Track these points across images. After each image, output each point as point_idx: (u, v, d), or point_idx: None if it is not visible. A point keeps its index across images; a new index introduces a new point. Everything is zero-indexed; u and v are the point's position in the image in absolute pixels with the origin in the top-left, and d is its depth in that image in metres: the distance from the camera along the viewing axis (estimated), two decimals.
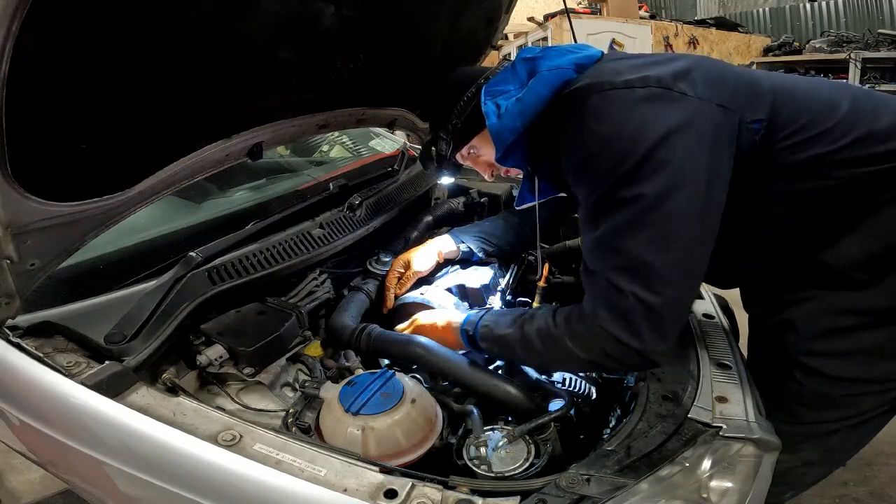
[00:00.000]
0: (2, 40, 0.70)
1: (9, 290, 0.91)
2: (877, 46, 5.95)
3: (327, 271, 1.47)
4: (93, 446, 0.89)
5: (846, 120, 0.98)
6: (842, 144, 0.97)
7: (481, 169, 1.32)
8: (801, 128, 0.98)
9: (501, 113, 1.08)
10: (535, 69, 1.09)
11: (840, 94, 1.03)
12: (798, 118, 0.98)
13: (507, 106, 1.07)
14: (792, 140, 0.98)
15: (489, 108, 1.10)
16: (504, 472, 0.92)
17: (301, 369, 1.20)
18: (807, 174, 0.99)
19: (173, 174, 1.16)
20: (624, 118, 0.94)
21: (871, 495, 1.93)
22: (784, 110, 0.99)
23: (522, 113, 1.07)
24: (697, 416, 0.94)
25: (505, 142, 1.10)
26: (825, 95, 1.03)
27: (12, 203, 0.85)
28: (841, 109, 1.00)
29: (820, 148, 0.97)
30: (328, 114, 1.58)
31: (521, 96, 1.07)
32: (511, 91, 1.10)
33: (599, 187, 0.95)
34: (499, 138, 1.10)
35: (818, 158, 0.97)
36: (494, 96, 1.11)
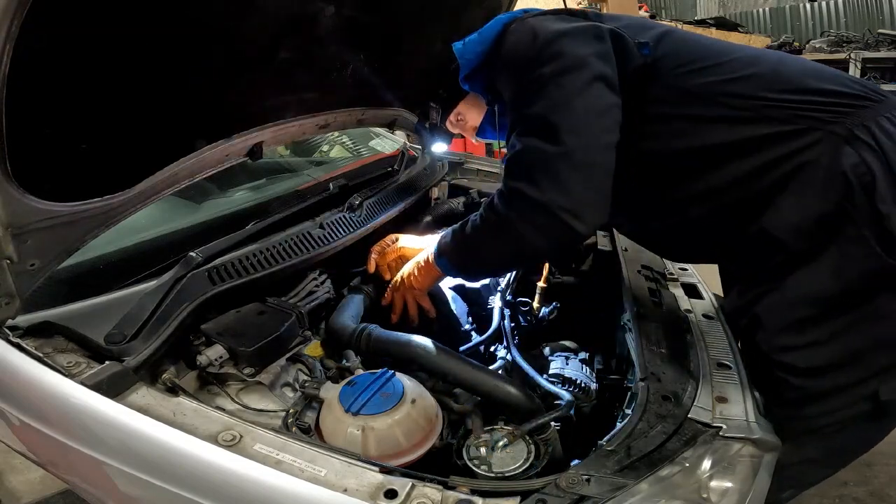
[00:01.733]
0: (2, 40, 0.70)
1: (9, 290, 0.91)
2: (877, 46, 5.95)
3: (327, 271, 1.47)
4: (93, 446, 0.89)
5: (741, 60, 1.09)
6: (733, 76, 1.07)
7: (468, 133, 1.54)
8: (692, 60, 1.11)
9: (465, 43, 1.30)
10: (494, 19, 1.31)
11: (746, 47, 1.17)
12: (691, 56, 1.12)
13: (470, 38, 1.30)
14: (684, 69, 1.10)
15: (457, 43, 1.31)
16: (504, 473, 0.92)
17: (301, 369, 1.20)
18: (700, 100, 1.08)
19: (173, 174, 1.16)
20: (529, 29, 1.17)
21: (871, 495, 1.93)
22: (675, 49, 1.14)
23: (481, 41, 1.28)
24: (697, 416, 0.94)
25: (469, 63, 1.31)
26: (724, 44, 1.18)
27: (12, 203, 0.85)
28: (741, 52, 1.12)
29: (711, 76, 1.08)
30: (328, 114, 1.58)
31: (481, 30, 1.29)
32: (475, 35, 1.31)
33: (514, 84, 1.17)
34: (462, 58, 1.31)
35: (709, 85, 1.08)
36: (462, 40, 1.32)
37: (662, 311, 1.30)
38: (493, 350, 1.37)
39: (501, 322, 1.43)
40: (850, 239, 0.97)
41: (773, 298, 1.05)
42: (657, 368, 1.08)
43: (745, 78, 1.07)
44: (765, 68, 1.08)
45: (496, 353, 1.36)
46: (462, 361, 1.17)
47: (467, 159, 2.34)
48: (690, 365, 1.09)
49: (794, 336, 1.03)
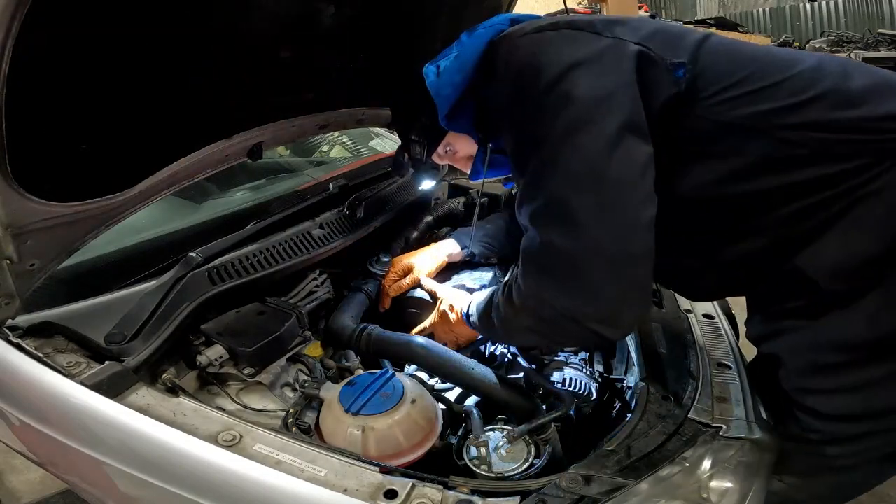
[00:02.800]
0: (2, 40, 0.70)
1: (9, 290, 0.90)
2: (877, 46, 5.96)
3: (327, 271, 1.47)
4: (93, 446, 0.89)
5: (803, 76, 0.86)
6: (793, 102, 0.84)
7: (461, 165, 1.27)
8: (738, 82, 0.87)
9: (441, 71, 1.06)
10: (474, 31, 1.09)
11: (803, 55, 0.92)
12: (734, 72, 0.88)
13: (445, 65, 1.06)
14: (729, 94, 0.87)
15: (428, 69, 1.07)
16: (504, 473, 0.92)
17: (301, 369, 1.20)
18: (748, 135, 0.86)
19: (173, 174, 1.16)
20: (529, 58, 0.92)
21: (871, 495, 1.92)
22: (715, 63, 0.89)
23: (461, 68, 1.05)
24: (697, 416, 0.94)
25: (447, 99, 1.07)
26: (778, 53, 0.93)
27: (12, 203, 0.85)
28: (798, 66, 0.88)
29: (764, 104, 0.85)
30: (328, 114, 1.58)
31: (459, 52, 1.07)
32: (450, 54, 1.08)
33: (514, 133, 0.95)
34: (439, 95, 1.07)
35: (761, 116, 0.85)
36: (434, 62, 1.09)
37: (662, 311, 1.30)
38: (493, 350, 1.37)
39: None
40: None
41: (799, 338, 0.93)
42: (657, 368, 1.08)
43: (806, 104, 0.84)
44: (828, 85, 0.85)
45: (496, 353, 1.36)
46: (462, 361, 1.17)
47: None
48: (690, 365, 1.09)
49: (818, 380, 0.93)
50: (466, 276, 1.55)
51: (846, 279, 0.86)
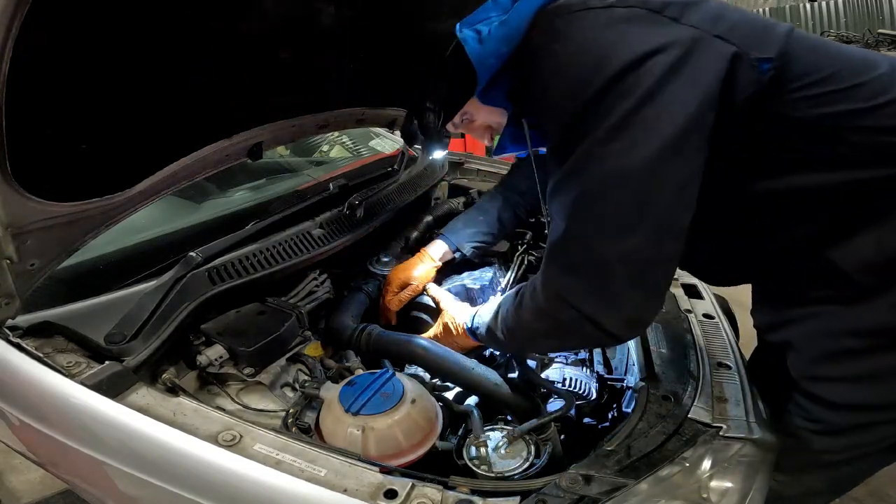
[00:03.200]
0: (2, 40, 0.70)
1: (9, 290, 0.90)
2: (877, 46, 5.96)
3: (327, 271, 1.48)
4: (93, 446, 0.89)
5: (882, 79, 0.82)
6: (870, 105, 0.80)
7: (478, 134, 1.17)
8: (823, 79, 0.81)
9: (483, 37, 0.94)
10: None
11: (879, 57, 0.88)
12: (821, 68, 0.82)
13: (489, 30, 0.94)
14: (812, 91, 0.81)
15: (467, 34, 0.95)
16: (504, 473, 0.92)
17: (301, 369, 1.20)
18: (823, 137, 0.82)
19: (173, 174, 1.16)
20: (592, 38, 0.81)
21: (871, 495, 1.93)
22: (801, 57, 0.82)
23: (508, 37, 0.93)
24: (697, 416, 0.94)
25: (490, 69, 0.96)
26: (859, 53, 0.88)
27: (12, 203, 0.85)
28: (877, 69, 0.83)
29: (845, 104, 0.81)
30: (328, 114, 1.58)
31: (506, 19, 0.93)
32: (492, 17, 0.96)
33: (559, 122, 0.84)
34: (482, 65, 0.95)
35: (839, 117, 0.81)
36: (471, 24, 0.97)
37: (662, 311, 1.30)
38: (493, 350, 1.38)
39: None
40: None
41: (816, 325, 0.92)
42: (657, 368, 1.08)
43: (881, 108, 0.81)
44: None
45: (496, 353, 1.36)
46: (462, 361, 1.17)
47: (467, 159, 2.34)
48: (690, 365, 1.09)
49: (830, 367, 0.92)
50: (466, 276, 1.55)
51: (878, 272, 0.86)
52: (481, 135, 1.16)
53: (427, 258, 1.50)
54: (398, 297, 1.44)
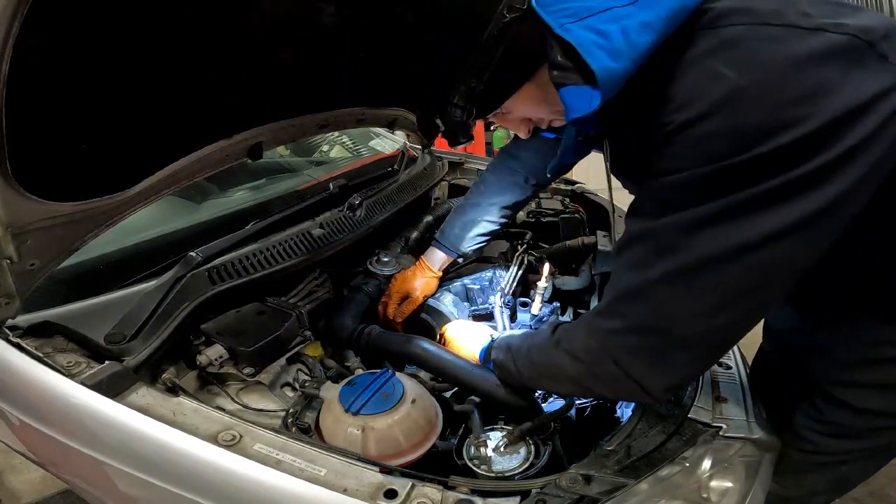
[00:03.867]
0: (2, 40, 0.70)
1: (9, 290, 0.90)
2: None
3: (327, 271, 1.47)
4: (93, 446, 0.89)
5: None
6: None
7: (514, 127, 0.94)
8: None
9: (616, 48, 0.67)
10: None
11: None
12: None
13: (624, 35, 0.67)
14: None
15: (583, 36, 0.68)
16: (504, 472, 0.92)
17: (301, 369, 1.20)
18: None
19: (173, 174, 1.16)
20: (795, 72, 0.61)
21: (871, 495, 1.93)
22: None
23: (654, 47, 0.68)
24: (697, 416, 0.94)
25: (613, 92, 0.69)
26: None
27: (12, 203, 0.85)
28: None
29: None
30: (328, 114, 1.58)
31: (651, 19, 0.67)
32: (614, 8, 0.69)
33: (697, 164, 0.65)
34: (610, 87, 0.68)
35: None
36: (577, 17, 0.69)
37: None
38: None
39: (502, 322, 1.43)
40: None
41: (855, 333, 0.88)
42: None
43: None
44: None
45: None
46: (462, 362, 1.17)
47: (467, 159, 2.34)
48: None
49: (862, 373, 0.90)
50: (466, 276, 1.55)
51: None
52: (517, 127, 0.94)
53: (427, 269, 1.49)
54: (401, 310, 1.43)
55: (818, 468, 1.01)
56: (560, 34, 0.69)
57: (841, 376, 0.93)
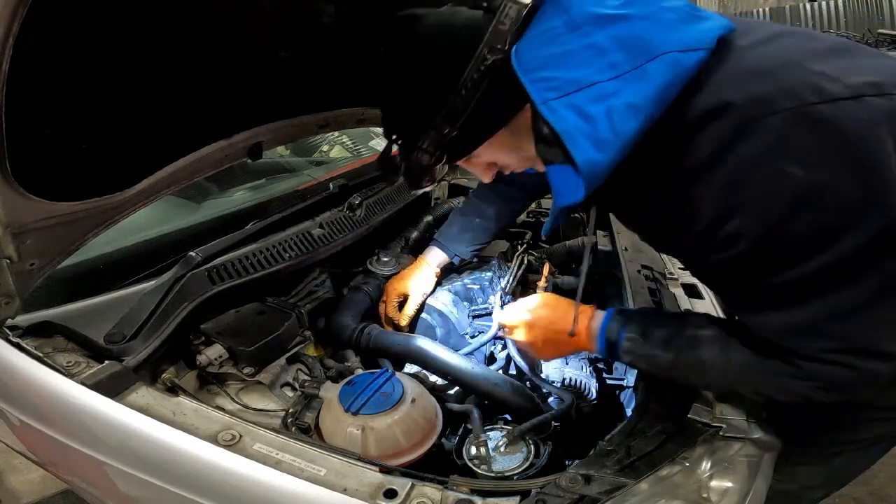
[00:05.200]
0: (2, 40, 0.70)
1: (9, 290, 0.91)
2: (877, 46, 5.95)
3: (327, 271, 1.47)
4: (93, 446, 0.89)
5: None
6: None
7: (478, 171, 0.91)
8: None
9: (602, 137, 0.65)
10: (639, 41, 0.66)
11: None
12: None
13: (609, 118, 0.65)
14: None
15: (568, 121, 0.66)
16: (504, 472, 0.92)
17: (301, 369, 1.20)
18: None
19: (173, 174, 1.16)
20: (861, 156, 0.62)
21: (871, 495, 1.93)
22: None
23: (641, 132, 0.65)
24: (697, 416, 0.93)
25: (599, 182, 0.68)
26: None
27: (12, 203, 0.85)
28: None
29: None
30: (328, 114, 1.58)
31: (638, 101, 0.64)
32: (601, 83, 0.66)
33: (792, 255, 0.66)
34: (593, 178, 0.67)
35: None
36: (563, 92, 0.67)
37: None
38: (493, 350, 1.37)
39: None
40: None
41: None
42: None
43: None
44: None
45: (496, 353, 1.36)
46: (462, 362, 1.17)
47: None
48: None
49: None
50: (466, 276, 1.55)
51: None
52: (482, 171, 0.91)
53: (425, 265, 1.47)
54: (405, 312, 1.39)
55: (811, 460, 1.02)
56: (544, 114, 0.67)
57: None
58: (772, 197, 0.64)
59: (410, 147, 0.80)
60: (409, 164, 0.82)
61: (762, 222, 0.66)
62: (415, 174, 0.83)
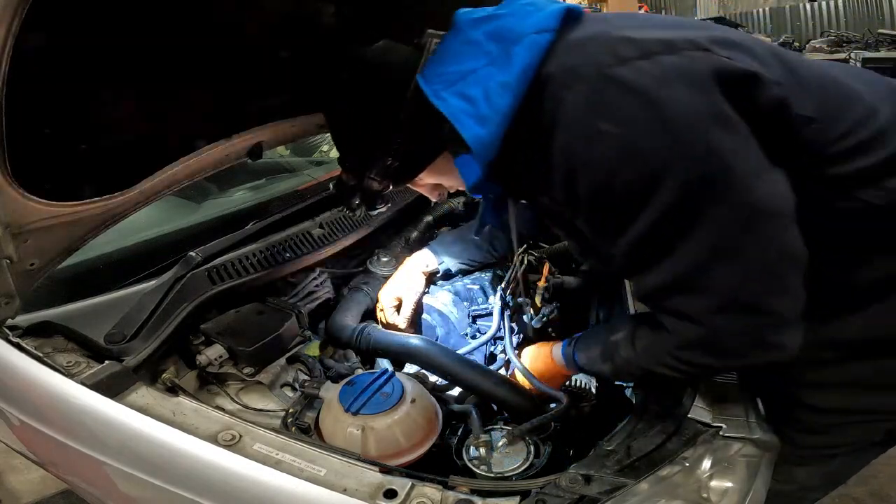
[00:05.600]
0: (2, 40, 0.70)
1: (9, 290, 0.91)
2: (877, 46, 5.95)
3: (327, 271, 1.47)
4: (93, 446, 0.89)
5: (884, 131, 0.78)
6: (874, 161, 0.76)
7: (426, 192, 1.01)
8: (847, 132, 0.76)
9: (483, 114, 0.73)
10: (505, 32, 0.77)
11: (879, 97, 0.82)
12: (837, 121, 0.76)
13: (487, 99, 0.73)
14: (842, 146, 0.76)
15: (454, 105, 0.75)
16: (504, 472, 0.92)
17: (301, 369, 1.20)
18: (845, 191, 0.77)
19: (173, 174, 1.16)
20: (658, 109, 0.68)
21: (871, 495, 1.93)
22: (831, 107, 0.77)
23: (514, 106, 0.73)
24: (697, 416, 0.93)
25: (489, 157, 0.76)
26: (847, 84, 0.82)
27: (12, 203, 0.85)
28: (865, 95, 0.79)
29: (861, 161, 0.76)
30: None
31: (508, 79, 0.73)
32: (477, 70, 0.75)
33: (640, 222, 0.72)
34: (483, 153, 0.75)
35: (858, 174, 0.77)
36: (449, 82, 0.77)
37: None
38: (492, 350, 1.37)
39: (501, 323, 1.43)
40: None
41: None
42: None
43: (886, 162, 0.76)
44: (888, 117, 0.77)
45: (496, 353, 1.36)
46: (461, 361, 1.17)
47: None
48: None
49: (810, 373, 0.94)
50: (466, 276, 1.55)
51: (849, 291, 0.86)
52: (429, 192, 1.01)
53: (410, 266, 1.43)
54: (403, 316, 1.37)
55: (806, 462, 1.03)
56: (436, 104, 0.76)
57: (795, 377, 0.96)
58: (595, 155, 0.71)
59: (360, 175, 0.91)
60: (361, 190, 0.94)
61: (591, 182, 0.72)
62: (368, 199, 0.96)
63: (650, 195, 0.69)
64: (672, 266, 0.73)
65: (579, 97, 0.70)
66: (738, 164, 0.69)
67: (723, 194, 0.69)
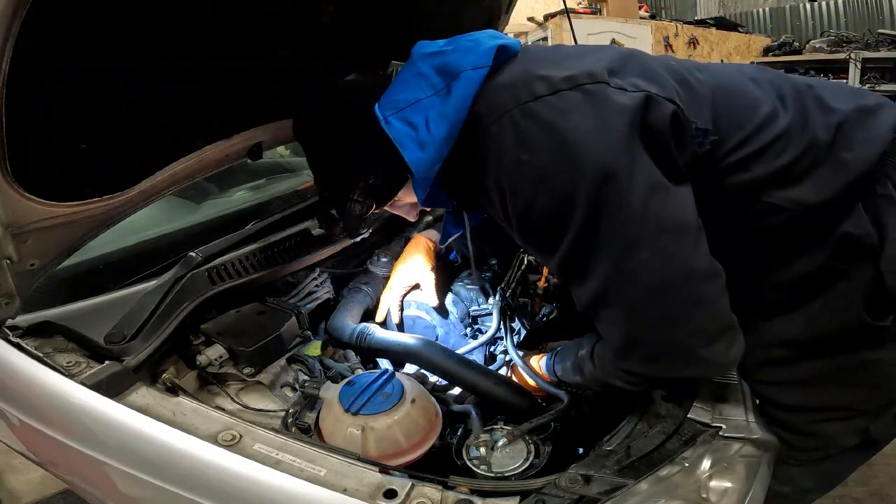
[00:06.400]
0: (2, 40, 0.70)
1: (9, 290, 0.91)
2: (877, 46, 5.94)
3: (327, 271, 1.47)
4: (93, 446, 0.89)
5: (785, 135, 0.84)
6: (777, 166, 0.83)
7: (403, 212, 1.10)
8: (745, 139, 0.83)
9: (423, 139, 0.84)
10: (448, 67, 0.87)
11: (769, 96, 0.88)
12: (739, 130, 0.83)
13: (427, 127, 0.84)
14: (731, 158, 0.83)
15: (399, 130, 0.86)
16: (504, 472, 0.92)
17: (301, 369, 1.20)
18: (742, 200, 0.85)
19: (173, 174, 1.16)
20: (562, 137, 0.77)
21: (871, 495, 1.93)
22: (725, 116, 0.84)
23: (450, 135, 0.83)
24: (697, 416, 0.93)
25: (430, 177, 0.87)
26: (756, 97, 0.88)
27: (12, 203, 0.85)
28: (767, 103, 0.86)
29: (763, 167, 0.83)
30: None
31: (446, 110, 0.84)
32: (422, 100, 0.86)
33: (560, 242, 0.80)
34: (426, 176, 0.87)
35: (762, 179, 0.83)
36: (397, 108, 0.87)
37: None
38: (492, 350, 1.37)
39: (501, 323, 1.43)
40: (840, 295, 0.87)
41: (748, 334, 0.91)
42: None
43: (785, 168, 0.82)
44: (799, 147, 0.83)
45: (496, 353, 1.36)
46: (461, 361, 1.17)
47: None
48: None
49: (768, 372, 0.98)
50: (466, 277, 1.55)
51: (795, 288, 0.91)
52: (407, 211, 1.11)
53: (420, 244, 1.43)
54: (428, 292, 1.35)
55: (800, 463, 1.04)
56: (386, 130, 0.87)
57: (756, 376, 0.99)
58: (519, 182, 0.80)
59: (341, 201, 0.99)
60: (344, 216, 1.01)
61: (517, 207, 0.82)
62: (351, 224, 1.03)
63: (566, 217, 0.78)
64: (592, 282, 0.81)
65: (504, 130, 0.80)
66: (636, 184, 0.76)
67: (621, 213, 0.76)
